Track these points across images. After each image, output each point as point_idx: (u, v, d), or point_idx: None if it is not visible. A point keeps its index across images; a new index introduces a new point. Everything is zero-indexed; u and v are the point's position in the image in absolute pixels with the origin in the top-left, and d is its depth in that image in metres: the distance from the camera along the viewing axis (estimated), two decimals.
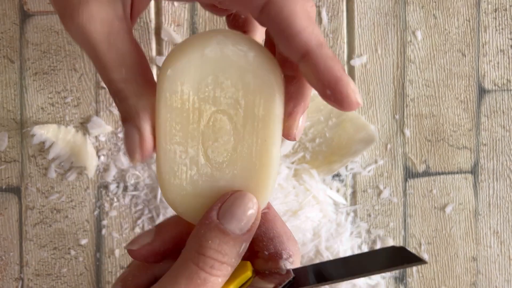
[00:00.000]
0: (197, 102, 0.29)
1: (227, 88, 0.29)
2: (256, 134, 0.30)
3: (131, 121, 0.29)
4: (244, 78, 0.29)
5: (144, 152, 0.29)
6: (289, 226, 0.47)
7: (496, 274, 0.51)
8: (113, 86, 0.29)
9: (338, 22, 0.50)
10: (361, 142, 0.49)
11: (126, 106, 0.29)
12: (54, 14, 0.49)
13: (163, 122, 0.29)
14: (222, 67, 0.29)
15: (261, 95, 0.29)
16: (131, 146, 0.29)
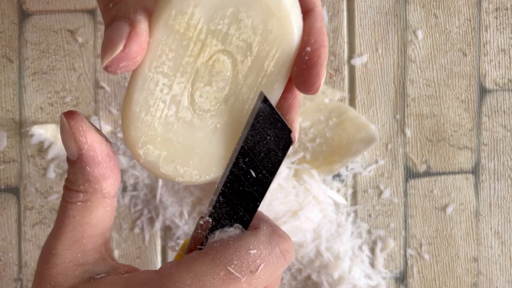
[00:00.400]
0: (205, 33, 0.25)
1: (244, 28, 0.25)
2: (256, 91, 0.26)
3: (123, 18, 0.24)
4: (268, 24, 0.25)
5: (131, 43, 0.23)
6: (289, 226, 0.47)
7: (497, 275, 0.51)
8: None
9: (338, 22, 0.50)
10: (361, 142, 0.49)
11: (121, 6, 0.24)
12: (53, 13, 0.49)
13: (155, 44, 0.24)
14: (248, 2, 0.24)
15: (278, 49, 0.26)
16: (114, 37, 0.23)
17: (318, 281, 0.49)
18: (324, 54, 0.26)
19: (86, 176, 0.26)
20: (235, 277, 0.25)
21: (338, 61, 0.50)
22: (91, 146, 0.25)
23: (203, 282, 0.25)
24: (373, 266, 0.50)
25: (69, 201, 0.26)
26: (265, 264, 0.26)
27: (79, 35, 0.49)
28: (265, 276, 0.26)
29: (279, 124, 0.26)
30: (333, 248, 0.49)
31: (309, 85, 0.26)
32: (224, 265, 0.25)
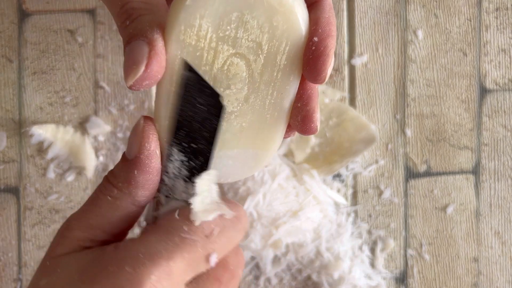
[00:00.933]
0: (215, 41, 0.26)
1: (251, 29, 0.26)
2: (273, 86, 0.27)
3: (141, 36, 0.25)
4: (273, 20, 0.26)
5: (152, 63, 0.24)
6: (289, 226, 0.47)
7: (497, 275, 0.50)
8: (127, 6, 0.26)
9: (338, 21, 0.50)
10: (361, 142, 0.49)
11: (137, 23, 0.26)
12: (53, 13, 0.49)
13: (171, 59, 0.26)
14: (250, 4, 0.25)
15: (287, 42, 0.26)
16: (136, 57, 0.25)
17: (318, 281, 0.49)
18: (331, 43, 0.26)
19: (130, 178, 0.27)
20: (189, 241, 0.26)
21: (338, 61, 0.50)
22: (150, 155, 0.27)
23: (157, 248, 0.25)
24: (373, 266, 0.50)
25: (103, 191, 0.27)
26: (220, 228, 0.27)
27: (79, 35, 0.49)
28: (222, 240, 0.27)
29: (207, 91, 0.27)
30: (333, 248, 0.49)
31: (316, 75, 0.26)
32: (178, 231, 0.26)
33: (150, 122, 0.27)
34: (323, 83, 0.28)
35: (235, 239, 0.28)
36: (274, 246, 0.47)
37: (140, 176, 0.27)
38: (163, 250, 0.25)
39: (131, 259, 0.25)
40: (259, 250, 0.48)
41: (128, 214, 0.28)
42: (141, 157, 0.27)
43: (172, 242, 0.26)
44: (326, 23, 0.27)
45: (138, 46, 0.25)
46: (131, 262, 0.25)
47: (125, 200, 0.27)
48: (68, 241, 0.27)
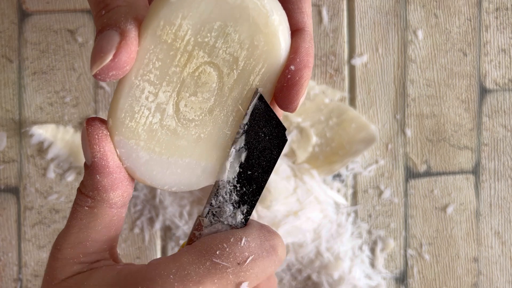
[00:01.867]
0: (192, 45, 0.25)
1: (231, 42, 0.25)
2: (241, 104, 0.27)
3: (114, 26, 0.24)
4: (255, 39, 0.25)
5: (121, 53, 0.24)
6: (290, 226, 0.47)
7: (497, 275, 0.50)
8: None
9: (338, 21, 0.50)
10: (361, 142, 0.49)
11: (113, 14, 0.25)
12: (53, 13, 0.49)
13: (142, 52, 0.25)
14: (236, 17, 0.25)
15: (264, 65, 0.26)
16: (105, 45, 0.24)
17: (318, 281, 0.49)
18: (306, 74, 0.26)
19: (96, 184, 0.26)
20: (221, 267, 0.25)
21: (338, 61, 0.50)
22: (103, 155, 0.26)
23: (188, 271, 0.25)
24: (374, 266, 0.50)
25: (79, 203, 0.27)
26: (254, 256, 0.26)
27: (79, 35, 0.49)
28: (254, 270, 0.26)
29: (273, 122, 0.27)
30: (333, 248, 0.49)
31: (287, 103, 0.26)
32: (210, 255, 0.26)
33: (94, 123, 0.26)
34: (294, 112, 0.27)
35: (269, 270, 0.27)
36: None
37: (104, 179, 0.26)
38: (193, 274, 0.25)
39: (161, 280, 0.25)
40: None
41: (110, 218, 0.28)
42: (95, 161, 0.26)
43: (203, 266, 0.25)
44: (305, 54, 0.26)
45: (109, 35, 0.24)
46: (161, 282, 0.25)
47: (101, 206, 0.27)
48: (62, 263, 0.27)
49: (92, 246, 0.27)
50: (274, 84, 0.27)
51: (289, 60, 0.26)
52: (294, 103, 0.26)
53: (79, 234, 0.27)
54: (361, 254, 0.50)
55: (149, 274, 0.25)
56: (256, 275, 0.26)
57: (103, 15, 0.25)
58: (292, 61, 0.26)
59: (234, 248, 0.26)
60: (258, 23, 0.25)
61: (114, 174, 0.26)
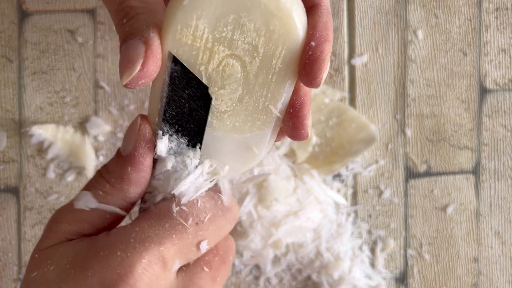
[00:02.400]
0: (211, 42, 0.26)
1: (248, 31, 0.26)
2: (268, 88, 0.27)
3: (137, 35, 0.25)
4: (270, 24, 0.26)
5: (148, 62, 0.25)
6: (289, 226, 0.47)
7: (497, 275, 0.50)
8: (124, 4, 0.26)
9: (338, 21, 0.50)
10: (361, 142, 0.49)
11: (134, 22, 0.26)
12: (53, 13, 0.49)
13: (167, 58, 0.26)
14: (248, 7, 0.25)
15: (284, 47, 0.26)
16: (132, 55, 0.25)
17: (318, 281, 0.49)
18: (327, 48, 0.26)
19: (123, 174, 0.27)
20: (181, 227, 0.26)
21: (338, 61, 0.50)
22: (144, 153, 0.27)
23: (148, 233, 0.26)
24: (374, 266, 0.50)
25: (95, 185, 0.28)
26: (210, 215, 0.27)
27: (79, 35, 0.49)
28: (212, 228, 0.27)
29: (194, 82, 0.27)
30: (333, 248, 0.49)
31: (311, 79, 0.27)
32: (169, 217, 0.26)
33: (146, 122, 0.27)
34: (319, 87, 0.28)
35: (226, 228, 0.28)
36: (274, 246, 0.47)
37: (133, 173, 0.27)
38: (154, 236, 0.26)
39: (122, 244, 0.26)
40: (259, 250, 0.48)
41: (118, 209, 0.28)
42: (135, 155, 0.27)
43: (163, 228, 0.26)
44: (324, 28, 0.27)
45: (134, 45, 0.25)
46: (123, 247, 0.25)
47: (117, 195, 0.28)
48: (55, 234, 0.28)
49: (89, 228, 0.28)
50: (296, 64, 0.27)
51: (308, 37, 0.27)
52: (318, 78, 0.26)
53: (82, 214, 0.28)
54: (361, 254, 0.50)
55: (110, 240, 0.26)
56: (214, 234, 0.28)
57: (124, 24, 0.26)
58: (311, 37, 0.27)
59: (191, 209, 0.27)
60: (270, 8, 0.25)
61: (144, 173, 0.27)
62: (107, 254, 0.25)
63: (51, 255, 0.27)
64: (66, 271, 0.26)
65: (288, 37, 0.26)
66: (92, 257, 0.26)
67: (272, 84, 0.27)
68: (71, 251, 0.27)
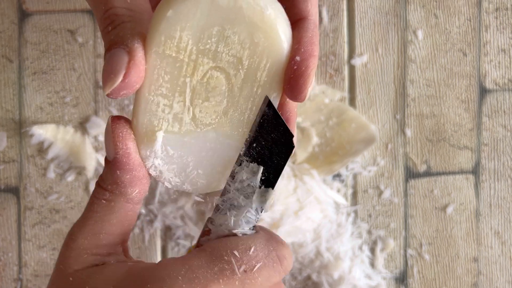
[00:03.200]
0: (195, 54, 0.26)
1: (232, 44, 0.26)
2: (253, 101, 0.27)
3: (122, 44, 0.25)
4: (254, 37, 0.26)
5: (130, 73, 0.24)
6: (290, 226, 0.47)
7: (497, 275, 0.50)
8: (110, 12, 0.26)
9: (338, 21, 0.50)
10: (361, 142, 0.49)
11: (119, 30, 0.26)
12: (53, 13, 0.49)
13: (151, 68, 0.26)
14: (232, 19, 0.25)
15: (268, 59, 0.26)
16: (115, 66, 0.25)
17: (318, 281, 0.49)
18: (312, 64, 0.27)
19: (115, 178, 0.27)
20: (229, 273, 0.26)
21: (338, 61, 0.50)
22: (126, 152, 0.27)
23: (197, 274, 0.26)
24: (373, 266, 0.50)
25: (96, 196, 0.28)
26: (260, 265, 0.27)
27: (79, 35, 0.49)
28: (260, 278, 0.27)
29: (281, 128, 0.27)
30: (333, 248, 0.49)
31: (296, 94, 0.27)
32: (219, 260, 0.26)
33: (119, 121, 0.27)
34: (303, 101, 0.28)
35: (273, 279, 0.28)
36: None
37: (124, 175, 0.27)
38: (201, 277, 0.26)
39: (170, 280, 0.25)
40: None
41: (126, 213, 0.28)
42: (118, 157, 0.27)
43: (211, 271, 0.26)
44: (309, 43, 0.27)
45: (117, 55, 0.25)
46: (170, 283, 0.25)
47: (119, 200, 0.28)
48: (76, 252, 0.28)
49: (105, 238, 0.28)
50: (281, 76, 0.27)
51: (293, 51, 0.27)
52: (303, 93, 0.27)
53: (94, 226, 0.28)
54: (361, 254, 0.50)
55: (158, 273, 0.26)
56: (261, 284, 0.27)
57: (109, 32, 0.26)
58: (296, 51, 0.27)
59: (243, 255, 0.26)
60: (254, 20, 0.25)
61: (134, 172, 0.27)
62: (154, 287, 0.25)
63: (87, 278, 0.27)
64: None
65: (273, 50, 0.26)
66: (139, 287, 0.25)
67: (257, 97, 0.27)
68: (111, 277, 0.27)
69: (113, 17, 0.26)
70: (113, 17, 0.26)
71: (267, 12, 0.25)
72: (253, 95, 0.27)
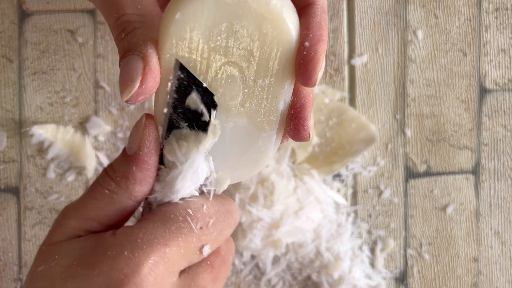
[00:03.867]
0: (207, 52, 0.27)
1: (241, 38, 0.27)
2: (267, 90, 0.28)
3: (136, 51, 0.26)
4: (262, 28, 0.26)
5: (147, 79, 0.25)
6: (290, 226, 0.47)
7: (497, 275, 0.50)
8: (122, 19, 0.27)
9: (338, 21, 0.50)
10: (361, 142, 0.49)
11: (132, 37, 0.26)
12: (53, 13, 0.49)
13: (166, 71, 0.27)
14: (239, 14, 0.26)
15: (278, 48, 0.27)
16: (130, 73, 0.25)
17: (318, 281, 0.49)
18: (321, 48, 0.27)
19: (128, 173, 0.28)
20: (186, 231, 0.27)
21: (338, 61, 0.50)
22: (149, 152, 0.27)
23: (155, 235, 0.26)
24: (373, 266, 0.50)
25: (101, 184, 0.28)
26: (214, 220, 0.28)
27: (79, 35, 0.49)
28: (214, 233, 0.28)
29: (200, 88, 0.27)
30: (333, 248, 0.49)
31: (306, 79, 0.27)
32: (175, 220, 0.27)
33: (151, 121, 0.28)
34: (315, 86, 0.28)
35: (227, 232, 0.29)
36: (274, 246, 0.47)
37: (139, 172, 0.27)
38: (160, 237, 0.26)
39: (129, 244, 0.26)
40: (259, 250, 0.48)
41: (125, 208, 0.29)
42: (140, 154, 0.27)
43: (169, 230, 0.27)
44: (317, 28, 0.27)
45: (132, 61, 0.25)
46: (130, 247, 0.26)
47: (122, 194, 0.28)
48: (64, 230, 0.28)
49: (96, 226, 0.28)
50: (293, 63, 0.27)
51: (302, 37, 0.27)
52: (313, 78, 0.27)
53: (90, 212, 0.28)
54: (361, 254, 0.50)
55: (117, 240, 0.27)
56: (216, 238, 0.28)
57: (123, 39, 0.27)
58: (305, 37, 0.27)
59: (197, 213, 0.28)
60: (260, 12, 0.26)
61: (149, 173, 0.28)
62: (114, 253, 0.26)
63: (59, 250, 0.28)
64: (73, 267, 0.26)
65: (282, 39, 0.27)
66: (100, 255, 0.26)
67: (271, 86, 0.28)
68: (78, 248, 0.27)
69: (125, 24, 0.27)
70: (125, 24, 0.27)
71: (272, 2, 0.26)
72: (267, 84, 0.28)
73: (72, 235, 0.28)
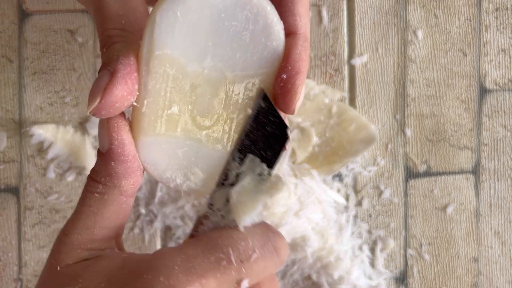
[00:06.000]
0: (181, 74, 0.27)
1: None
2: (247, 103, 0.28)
3: (108, 65, 0.26)
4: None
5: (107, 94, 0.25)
6: (290, 226, 0.47)
7: (497, 275, 0.50)
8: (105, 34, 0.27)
9: (338, 21, 0.50)
10: (361, 142, 0.49)
11: (109, 52, 0.27)
12: (53, 13, 0.49)
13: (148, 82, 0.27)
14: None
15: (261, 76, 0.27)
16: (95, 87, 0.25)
17: (318, 281, 0.49)
18: (299, 81, 0.27)
19: (109, 170, 0.27)
20: (225, 263, 0.26)
21: (338, 61, 0.50)
22: (120, 143, 0.27)
23: (193, 264, 0.26)
24: (373, 266, 0.50)
25: (89, 190, 0.28)
26: (257, 255, 0.27)
27: (79, 35, 0.49)
28: (256, 268, 0.27)
29: (277, 120, 0.28)
30: (333, 248, 0.49)
31: (285, 108, 0.27)
32: (216, 250, 0.26)
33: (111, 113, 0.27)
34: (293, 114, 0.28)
35: (269, 270, 0.28)
36: None
37: (118, 166, 0.27)
38: (198, 267, 0.26)
39: (166, 270, 0.25)
40: None
41: (119, 206, 0.28)
42: (113, 148, 0.27)
43: (207, 260, 0.26)
44: (296, 60, 0.27)
45: (100, 76, 0.25)
46: (166, 272, 0.25)
47: (112, 192, 0.28)
48: (69, 247, 0.28)
49: (99, 233, 0.28)
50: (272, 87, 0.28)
51: (281, 68, 0.27)
52: (290, 108, 0.27)
53: (87, 220, 0.28)
54: (361, 254, 0.50)
55: (154, 263, 0.26)
56: (257, 274, 0.27)
57: (104, 53, 0.27)
58: (283, 69, 0.27)
59: (239, 246, 0.26)
60: None
61: (129, 163, 0.27)
62: (150, 278, 0.25)
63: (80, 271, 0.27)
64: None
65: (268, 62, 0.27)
66: (133, 278, 0.25)
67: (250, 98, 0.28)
68: (105, 269, 0.26)
69: (106, 39, 0.27)
70: (106, 39, 0.27)
71: None
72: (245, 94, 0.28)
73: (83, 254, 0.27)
